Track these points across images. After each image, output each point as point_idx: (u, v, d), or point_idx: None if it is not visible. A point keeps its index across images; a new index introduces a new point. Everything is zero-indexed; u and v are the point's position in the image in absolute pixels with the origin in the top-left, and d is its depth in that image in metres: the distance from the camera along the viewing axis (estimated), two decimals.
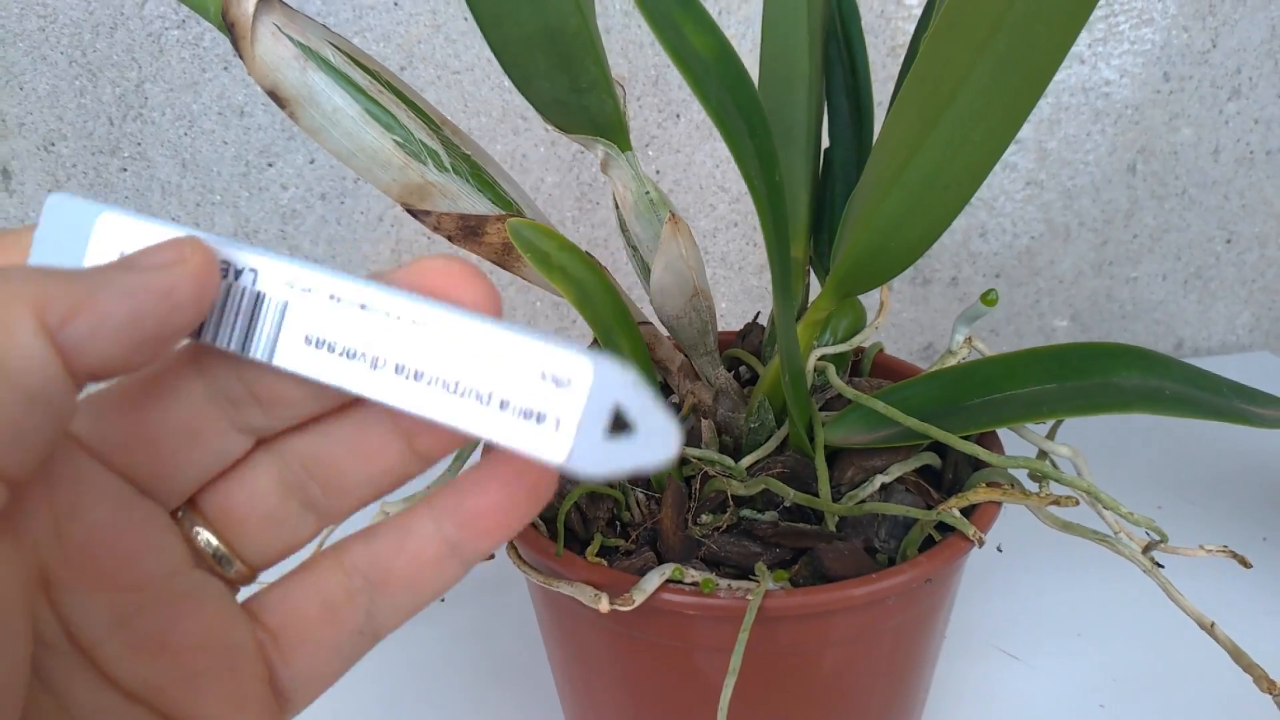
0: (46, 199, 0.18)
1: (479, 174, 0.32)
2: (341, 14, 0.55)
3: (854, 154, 0.40)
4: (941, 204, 0.28)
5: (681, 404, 0.36)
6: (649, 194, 0.33)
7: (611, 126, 0.32)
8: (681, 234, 0.32)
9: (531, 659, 0.43)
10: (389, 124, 0.30)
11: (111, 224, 0.18)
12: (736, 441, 0.35)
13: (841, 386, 0.33)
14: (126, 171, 0.57)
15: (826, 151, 0.40)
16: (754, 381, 0.40)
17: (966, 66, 0.24)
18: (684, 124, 0.62)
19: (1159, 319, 0.73)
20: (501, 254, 0.32)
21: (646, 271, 0.34)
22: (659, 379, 0.37)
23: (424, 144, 0.30)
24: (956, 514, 0.30)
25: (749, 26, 0.60)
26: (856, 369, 0.41)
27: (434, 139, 0.31)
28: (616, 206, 0.34)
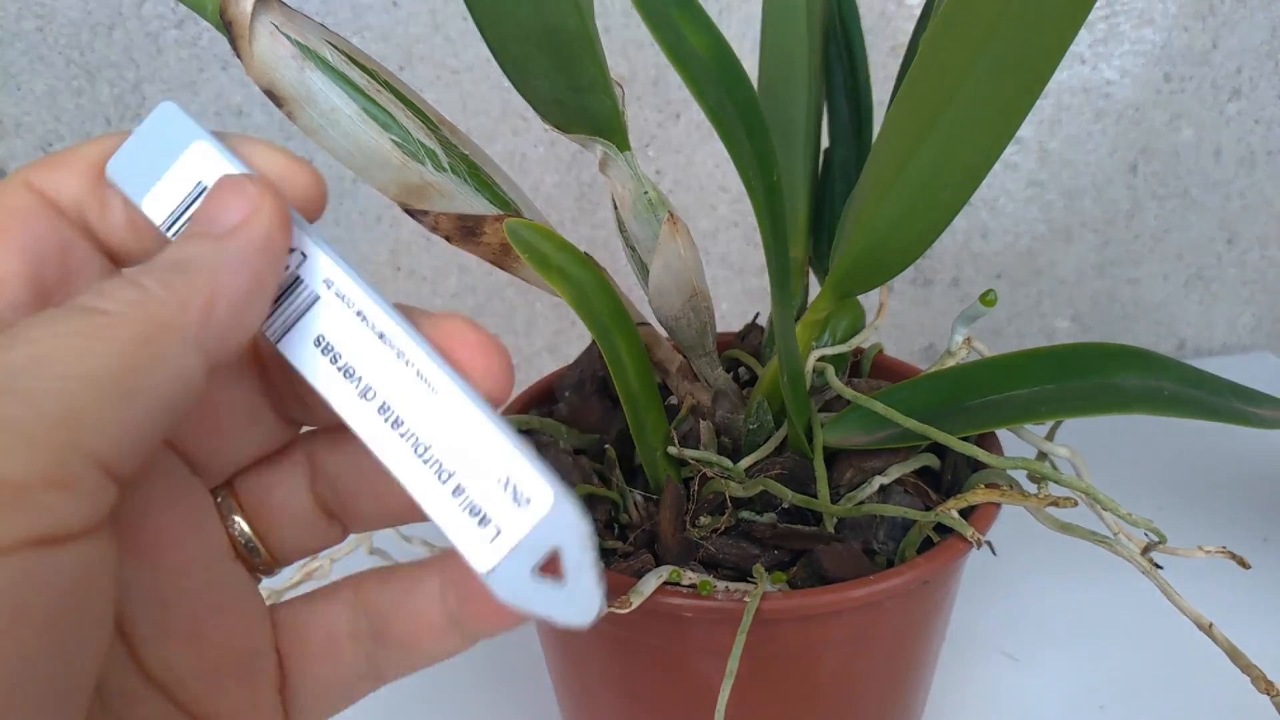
0: (161, 103, 0.19)
1: (477, 173, 0.32)
2: (340, 13, 0.55)
3: (854, 154, 0.40)
4: (939, 205, 0.28)
5: (680, 406, 0.36)
6: (647, 194, 0.33)
7: (610, 126, 0.32)
8: (680, 234, 0.32)
9: (529, 662, 0.43)
10: (386, 123, 0.30)
11: (200, 153, 0.18)
12: (735, 443, 0.35)
13: (840, 387, 0.33)
14: None
15: (826, 151, 0.40)
16: (753, 382, 0.40)
17: (964, 68, 0.24)
18: (684, 124, 0.62)
19: (1161, 320, 0.73)
20: (499, 254, 0.32)
21: (645, 272, 0.33)
22: (657, 380, 0.37)
23: (422, 143, 0.30)
24: (955, 515, 0.30)
25: (750, 25, 0.60)
26: (856, 370, 0.41)
27: (432, 138, 0.31)
28: (615, 207, 0.34)
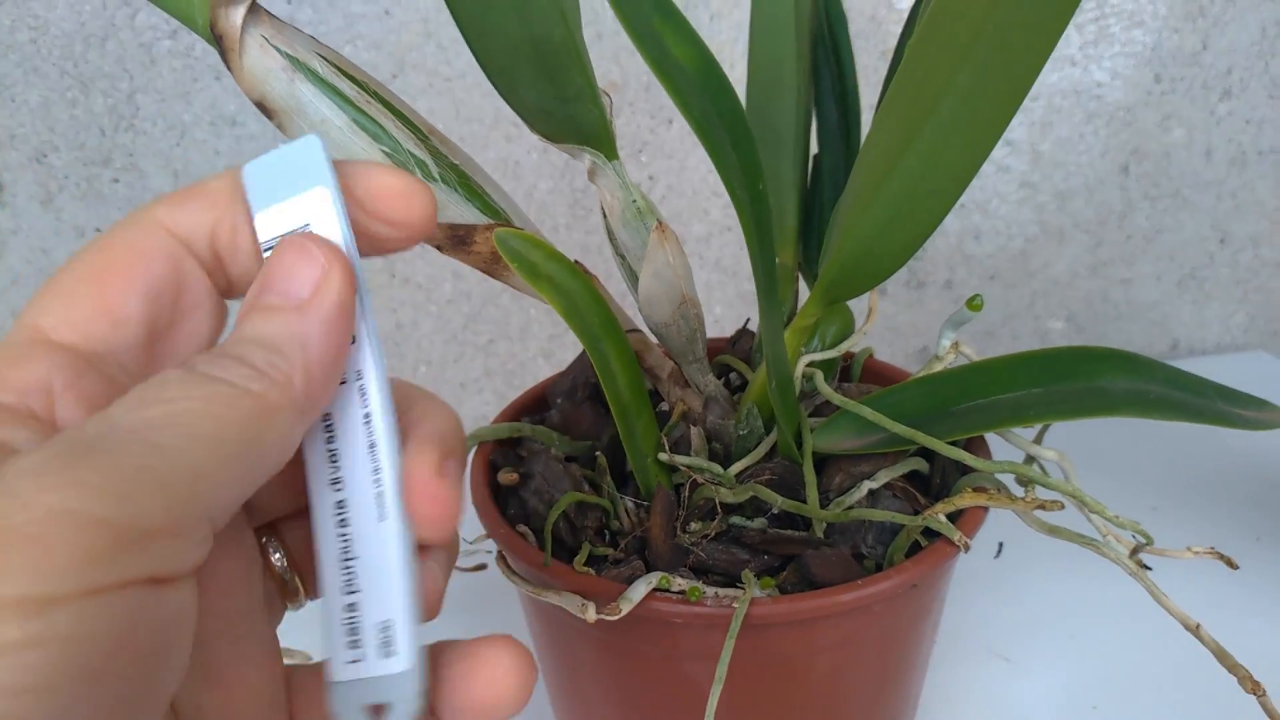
0: (308, 135, 0.19)
1: (467, 183, 0.32)
2: (332, 22, 0.56)
3: (842, 159, 0.40)
4: (925, 210, 0.28)
5: (671, 412, 0.36)
6: (636, 202, 0.33)
7: (597, 135, 0.32)
8: (669, 242, 0.32)
9: None
10: (376, 134, 0.30)
11: (318, 198, 0.19)
12: (726, 448, 0.35)
13: (829, 393, 0.33)
14: (119, 182, 0.57)
15: (815, 157, 0.40)
16: (744, 388, 0.40)
17: (948, 74, 0.24)
18: (676, 129, 0.62)
19: (1154, 320, 0.73)
20: (490, 263, 0.32)
21: (634, 280, 0.34)
22: (649, 386, 0.37)
23: (411, 153, 0.31)
24: (942, 519, 0.30)
25: (741, 31, 0.60)
26: (847, 375, 0.41)
27: (421, 148, 0.31)
28: (604, 215, 0.34)
